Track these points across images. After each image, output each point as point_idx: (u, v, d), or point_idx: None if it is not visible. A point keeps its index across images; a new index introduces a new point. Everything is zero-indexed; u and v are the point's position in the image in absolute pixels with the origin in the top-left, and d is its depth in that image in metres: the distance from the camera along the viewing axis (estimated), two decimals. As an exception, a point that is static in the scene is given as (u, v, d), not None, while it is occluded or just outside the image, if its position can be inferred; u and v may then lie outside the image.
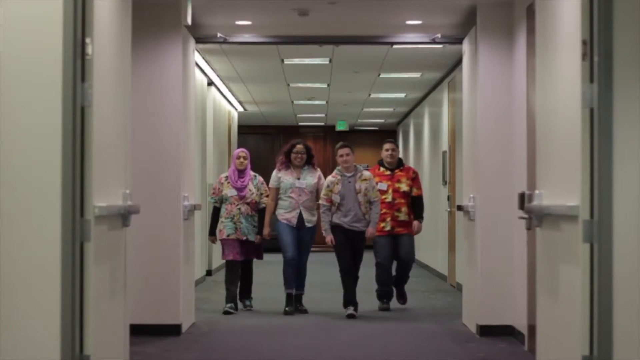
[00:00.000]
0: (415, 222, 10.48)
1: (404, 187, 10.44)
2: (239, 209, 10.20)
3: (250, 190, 10.27)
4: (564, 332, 4.81)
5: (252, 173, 10.44)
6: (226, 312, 10.01)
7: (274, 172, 10.27)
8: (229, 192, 10.26)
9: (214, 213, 10.46)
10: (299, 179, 10.17)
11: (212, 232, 10.56)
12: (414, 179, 10.56)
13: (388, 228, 10.37)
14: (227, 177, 10.38)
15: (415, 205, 10.53)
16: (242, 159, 10.41)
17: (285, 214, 10.11)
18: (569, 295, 4.69)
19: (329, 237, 9.85)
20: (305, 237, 10.16)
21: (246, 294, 10.52)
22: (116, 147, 5.19)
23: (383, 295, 10.53)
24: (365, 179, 9.94)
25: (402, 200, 10.43)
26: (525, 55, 7.89)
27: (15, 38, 4.40)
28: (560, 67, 4.96)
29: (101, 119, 4.72)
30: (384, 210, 10.24)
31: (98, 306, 4.64)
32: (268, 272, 14.39)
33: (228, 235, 10.20)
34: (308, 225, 10.15)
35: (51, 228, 4.36)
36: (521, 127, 8.03)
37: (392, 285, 10.55)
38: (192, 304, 9.18)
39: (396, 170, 10.56)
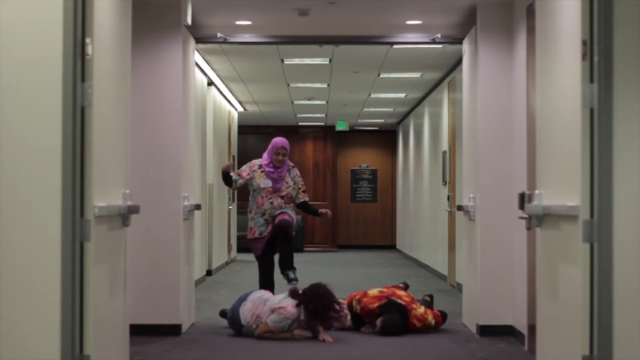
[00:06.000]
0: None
1: None
2: (272, 202, 9.22)
3: (286, 182, 9.28)
4: (564, 332, 4.81)
5: (290, 163, 9.43)
6: None
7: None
8: (262, 182, 9.23)
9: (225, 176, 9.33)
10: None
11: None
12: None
13: None
14: (260, 165, 9.32)
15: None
16: (281, 157, 9.27)
17: None
18: (569, 295, 4.69)
19: None
20: None
21: (288, 264, 9.15)
22: (116, 147, 5.19)
23: None
24: None
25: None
26: (525, 55, 7.89)
27: (15, 38, 4.40)
28: (560, 67, 4.96)
29: (101, 119, 4.72)
30: None
31: (98, 306, 4.64)
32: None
33: (260, 234, 9.24)
34: None
35: (51, 228, 4.36)
36: (521, 127, 8.03)
37: None
38: (192, 304, 9.18)
39: None
